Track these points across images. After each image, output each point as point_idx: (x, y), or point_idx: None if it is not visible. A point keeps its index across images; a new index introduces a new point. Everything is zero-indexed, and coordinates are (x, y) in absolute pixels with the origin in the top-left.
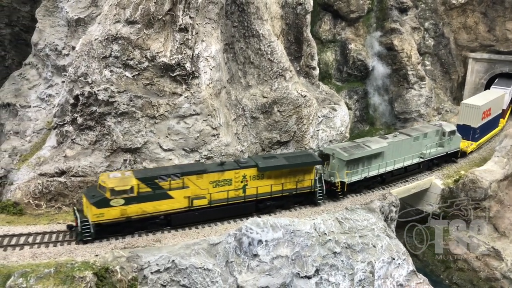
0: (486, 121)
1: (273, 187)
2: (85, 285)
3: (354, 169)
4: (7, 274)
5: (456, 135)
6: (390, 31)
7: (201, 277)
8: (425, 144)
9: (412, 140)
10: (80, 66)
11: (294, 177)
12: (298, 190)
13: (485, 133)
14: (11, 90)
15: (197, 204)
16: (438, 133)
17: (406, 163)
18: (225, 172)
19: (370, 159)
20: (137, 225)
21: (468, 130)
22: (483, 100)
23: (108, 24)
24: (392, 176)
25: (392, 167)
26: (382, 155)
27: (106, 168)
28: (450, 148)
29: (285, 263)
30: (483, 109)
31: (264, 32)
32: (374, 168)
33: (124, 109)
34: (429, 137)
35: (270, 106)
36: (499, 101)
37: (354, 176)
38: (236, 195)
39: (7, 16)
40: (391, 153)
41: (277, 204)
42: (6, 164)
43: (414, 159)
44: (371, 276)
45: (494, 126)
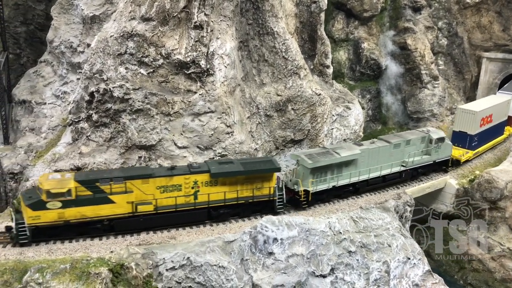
0: (486, 128)
1: (227, 194)
2: (100, 281)
3: (320, 177)
4: (23, 269)
5: (445, 142)
6: (404, 30)
7: (216, 275)
8: (408, 152)
9: (391, 147)
10: (95, 63)
11: (252, 184)
12: (255, 198)
13: (485, 141)
14: (27, 87)
15: (142, 210)
16: (424, 140)
17: (384, 172)
18: (173, 177)
19: (340, 167)
20: (77, 229)
21: (464, 137)
22: (483, 105)
23: (124, 21)
24: (367, 186)
25: (367, 176)
26: (354, 163)
27: (121, 165)
28: (438, 157)
29: (300, 262)
30: (481, 115)
31: (279, 29)
32: (345, 176)
33: (139, 106)
34: (412, 144)
35: (284, 104)
36: (503, 107)
37: (320, 185)
38: (187, 202)
39: (22, 15)
40: (366, 161)
41: (232, 212)
42: (22, 160)
43: (394, 168)
44: (386, 276)
45: (498, 133)
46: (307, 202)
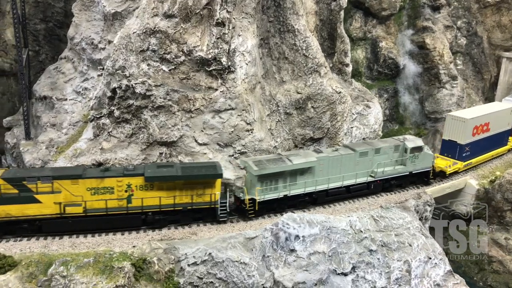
0: (481, 137)
1: (163, 199)
2: (123, 276)
3: (270, 185)
4: (48, 262)
5: (424, 152)
6: (422, 29)
7: (238, 271)
8: (377, 161)
9: (356, 155)
10: (118, 59)
11: (192, 190)
12: (195, 205)
13: (480, 152)
14: (47, 84)
15: (70, 211)
16: (397, 149)
17: (347, 182)
18: (105, 179)
19: (294, 175)
20: (2, 228)
21: (453, 147)
22: (477, 112)
23: (146, 17)
24: (327, 196)
25: (326, 186)
26: (310, 171)
27: (142, 161)
28: (415, 168)
29: (322, 259)
30: (474, 123)
31: (300, 27)
32: (299, 186)
33: (160, 103)
34: (383, 153)
35: (304, 102)
36: (505, 115)
37: (269, 194)
38: (120, 206)
39: (42, 12)
40: (325, 169)
41: (169, 219)
42: (43, 156)
43: (360, 178)
44: (407, 275)
45: (498, 144)
46: (254, 212)
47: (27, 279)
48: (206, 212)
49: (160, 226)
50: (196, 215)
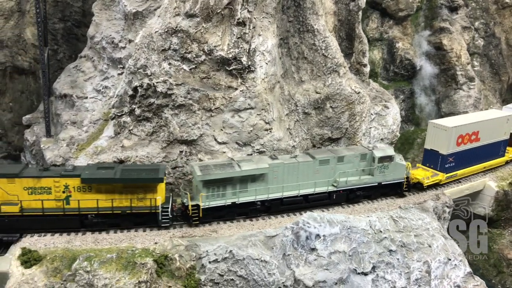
0: (468, 147)
1: (100, 202)
2: (146, 272)
3: (217, 191)
4: (72, 257)
5: (395, 162)
6: (439, 30)
7: (258, 269)
8: (340, 170)
9: (316, 163)
10: (139, 58)
11: (132, 194)
12: (134, 209)
13: (468, 163)
14: (67, 82)
15: (5, 210)
16: (364, 158)
17: (304, 191)
18: (42, 179)
19: (244, 182)
20: None
21: (435, 157)
22: (463, 120)
23: (168, 17)
24: (282, 205)
25: (280, 194)
26: (263, 178)
27: (163, 159)
28: (385, 178)
29: (342, 259)
30: (458, 132)
31: (319, 27)
32: (250, 193)
33: (181, 102)
34: (347, 161)
35: (323, 102)
36: (499, 124)
37: (215, 201)
38: (57, 206)
39: (60, 11)
40: (280, 177)
41: (108, 222)
42: (64, 153)
43: (320, 187)
44: (427, 276)
45: (492, 155)
46: (199, 219)
47: (52, 273)
48: (147, 217)
49: (100, 229)
50: (137, 219)
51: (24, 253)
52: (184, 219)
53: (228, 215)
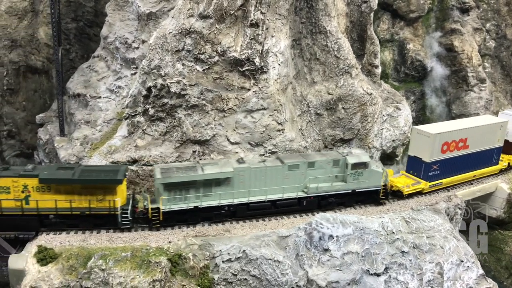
0: (455, 155)
1: (59, 203)
2: (160, 270)
3: (179, 195)
4: (87, 255)
5: (370, 169)
6: (451, 32)
7: (271, 269)
8: (311, 176)
9: (285, 168)
10: (153, 59)
11: (91, 195)
12: (93, 210)
13: (455, 171)
14: (80, 82)
15: None
16: (337, 164)
17: (272, 197)
18: (0, 179)
19: (208, 186)
20: None
21: (419, 165)
22: (448, 127)
23: (182, 18)
24: (248, 210)
25: (246, 199)
26: (228, 182)
27: (176, 159)
28: (360, 186)
29: (355, 259)
30: (442, 139)
31: (332, 28)
32: (214, 197)
33: (194, 102)
34: (319, 167)
35: (335, 103)
36: (491, 131)
37: (176, 204)
38: (16, 206)
39: (73, 11)
40: (247, 181)
41: (67, 222)
42: (78, 152)
43: (289, 193)
44: (440, 277)
45: (484, 163)
46: (160, 222)
47: (67, 271)
48: (107, 218)
49: (57, 229)
50: (96, 220)
51: (40, 250)
52: (146, 222)
53: (191, 219)
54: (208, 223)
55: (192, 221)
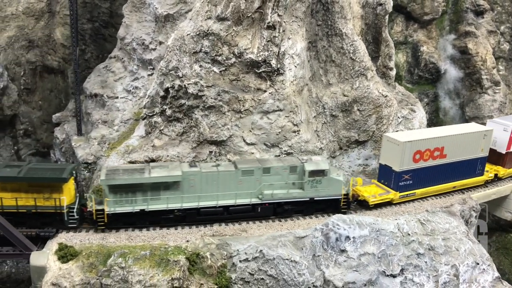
0: (429, 164)
1: (4, 200)
2: (178, 269)
3: (125, 197)
4: (107, 253)
5: (329, 177)
6: (465, 34)
7: (288, 269)
8: (266, 182)
9: (238, 173)
10: (171, 60)
11: (38, 193)
12: (39, 208)
13: (430, 181)
14: (97, 82)
15: None
16: (294, 171)
17: (224, 202)
18: None
19: (156, 189)
20: None
21: (389, 174)
22: (422, 135)
23: (200, 20)
24: (199, 215)
25: (196, 204)
26: (178, 186)
27: (193, 159)
28: (318, 194)
29: (371, 261)
30: (415, 148)
31: (347, 31)
32: (162, 201)
33: (211, 103)
34: (275, 173)
35: (350, 105)
36: (474, 139)
37: (122, 207)
38: None
39: (89, 12)
40: (198, 185)
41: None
42: (95, 151)
43: (243, 199)
44: (455, 280)
45: (465, 174)
46: (105, 224)
47: (87, 268)
48: (53, 217)
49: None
50: (43, 219)
51: (60, 248)
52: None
53: (139, 222)
54: (225, 222)
55: (140, 224)
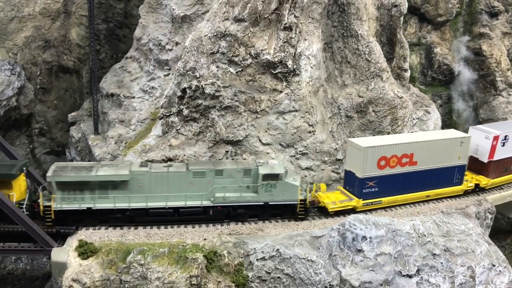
0: (397, 172)
1: None
2: (196, 266)
3: (73, 195)
4: (126, 250)
5: (284, 182)
6: (479, 36)
7: (305, 268)
8: (219, 184)
9: (189, 175)
10: (189, 61)
11: None
12: None
13: (399, 190)
14: (113, 82)
15: None
16: (248, 174)
17: (173, 203)
18: None
19: (104, 188)
20: None
21: (353, 180)
22: (389, 140)
23: (217, 21)
24: (148, 216)
25: (144, 204)
26: (125, 185)
27: (209, 158)
28: (273, 198)
29: (388, 261)
30: (380, 153)
31: (363, 32)
32: (110, 200)
33: (228, 103)
34: (228, 176)
35: (365, 106)
36: (449, 146)
37: (70, 204)
38: None
39: (104, 13)
40: (147, 186)
41: None
42: (112, 150)
43: (193, 201)
44: (471, 281)
45: (441, 183)
46: (52, 221)
47: (107, 265)
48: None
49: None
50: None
51: (81, 245)
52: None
53: (88, 221)
54: (241, 221)
55: (88, 223)
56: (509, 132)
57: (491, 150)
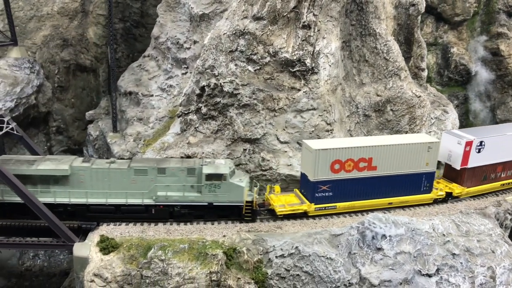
0: (353, 176)
1: None
2: (216, 263)
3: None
4: (146, 246)
5: (229, 182)
6: (497, 36)
7: (324, 266)
8: (161, 183)
9: (131, 172)
10: (207, 59)
11: None
12: None
13: (356, 195)
14: (131, 80)
15: None
16: (192, 173)
17: (114, 200)
18: None
19: (45, 182)
20: None
21: (306, 183)
22: (345, 142)
23: (236, 19)
24: (89, 212)
25: (85, 200)
26: (66, 180)
27: (227, 156)
28: (217, 199)
29: (407, 259)
30: (333, 157)
31: (381, 31)
32: (50, 194)
33: (246, 101)
34: (171, 174)
35: (383, 105)
36: (415, 152)
37: (12, 197)
38: None
39: (120, 12)
40: (88, 181)
41: None
42: (131, 148)
43: (134, 199)
44: (492, 281)
45: (407, 190)
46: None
47: (128, 260)
48: None
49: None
50: None
51: (102, 240)
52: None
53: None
54: (259, 219)
55: (30, 216)
56: (485, 138)
57: (464, 156)
